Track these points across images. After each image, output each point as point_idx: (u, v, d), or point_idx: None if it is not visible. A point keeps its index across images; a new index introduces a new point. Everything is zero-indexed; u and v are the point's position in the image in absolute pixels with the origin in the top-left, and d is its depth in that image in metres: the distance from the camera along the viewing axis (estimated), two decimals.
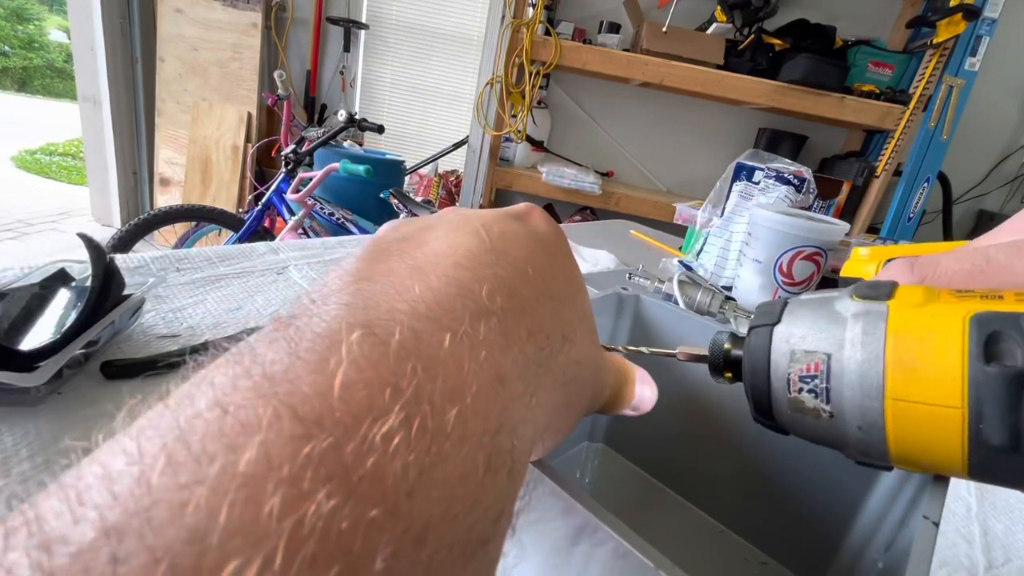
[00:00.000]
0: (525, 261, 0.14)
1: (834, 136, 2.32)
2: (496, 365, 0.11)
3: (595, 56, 1.89)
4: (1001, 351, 0.13)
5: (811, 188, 0.84)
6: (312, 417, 0.08)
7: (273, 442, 0.07)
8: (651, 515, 0.33)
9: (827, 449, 0.22)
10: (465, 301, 0.11)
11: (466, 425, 0.09)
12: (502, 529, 0.10)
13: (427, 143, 2.59)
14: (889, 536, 0.23)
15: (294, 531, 0.07)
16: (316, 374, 0.09)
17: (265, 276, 0.55)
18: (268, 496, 0.07)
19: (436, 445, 0.09)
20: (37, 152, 4.32)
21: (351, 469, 0.08)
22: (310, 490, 0.07)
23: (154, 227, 1.66)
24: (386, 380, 0.09)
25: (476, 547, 0.09)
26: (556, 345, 0.14)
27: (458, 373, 0.10)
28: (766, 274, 0.72)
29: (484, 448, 0.09)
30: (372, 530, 0.07)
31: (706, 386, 0.32)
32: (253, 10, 2.28)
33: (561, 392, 0.14)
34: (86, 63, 2.34)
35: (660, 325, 0.33)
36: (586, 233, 1.05)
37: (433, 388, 0.09)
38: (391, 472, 0.08)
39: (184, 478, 0.07)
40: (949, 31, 1.71)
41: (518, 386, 0.11)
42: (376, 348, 0.09)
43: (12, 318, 0.33)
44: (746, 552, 0.31)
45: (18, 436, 0.28)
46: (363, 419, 0.08)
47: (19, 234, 2.54)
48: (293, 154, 1.78)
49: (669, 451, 0.34)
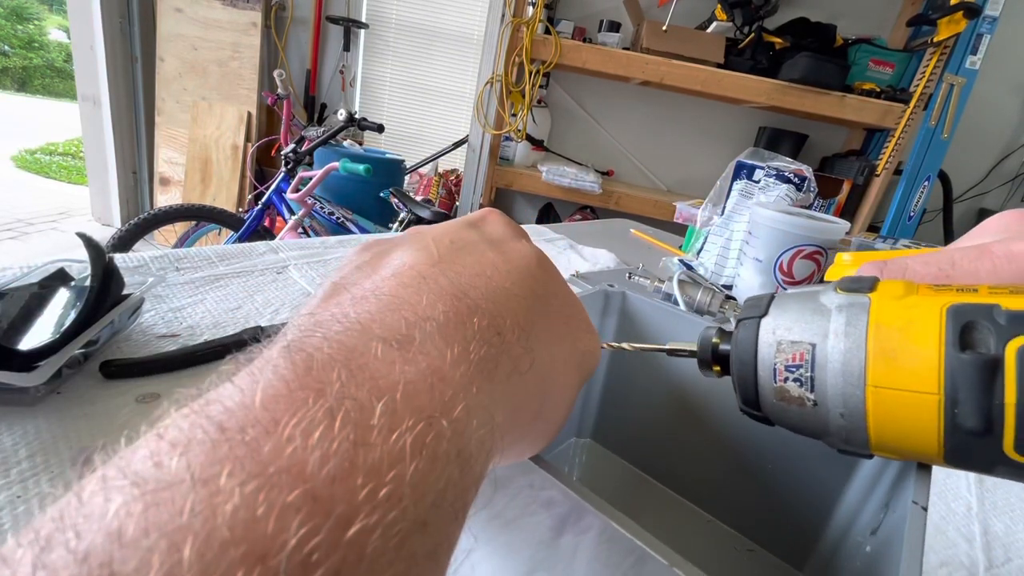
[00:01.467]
0: (474, 265, 0.15)
1: (834, 135, 2.32)
2: (431, 364, 0.11)
3: (595, 55, 1.89)
4: (975, 340, 0.14)
5: (811, 187, 0.84)
6: (235, 426, 0.09)
7: (195, 451, 0.08)
8: (640, 507, 0.34)
9: (810, 439, 0.23)
10: (403, 313, 0.12)
11: (394, 417, 0.10)
12: (443, 513, 0.10)
13: (427, 142, 2.59)
14: (873, 520, 0.23)
15: (206, 521, 0.07)
16: (242, 392, 0.10)
17: (265, 275, 0.55)
18: (183, 495, 0.08)
19: (359, 435, 0.09)
20: (37, 152, 4.32)
21: (267, 462, 0.08)
22: (225, 484, 0.08)
23: (154, 227, 1.66)
24: (309, 386, 0.10)
25: (412, 528, 0.09)
26: (508, 339, 0.14)
27: (387, 374, 0.11)
28: (766, 273, 0.72)
29: (416, 436, 0.10)
30: (288, 512, 0.08)
31: (692, 381, 0.32)
32: (253, 9, 2.28)
33: (517, 383, 0.14)
34: (86, 63, 2.34)
35: (647, 321, 0.33)
36: (586, 232, 1.05)
37: (359, 388, 0.10)
38: (310, 460, 0.08)
39: (111, 493, 0.08)
40: (950, 29, 1.71)
41: (457, 381, 0.12)
42: (303, 362, 0.10)
43: (11, 318, 0.33)
44: (733, 540, 0.32)
45: (17, 436, 0.28)
46: (281, 419, 0.09)
47: (19, 234, 2.54)
48: (293, 153, 1.78)
49: (657, 445, 0.35)
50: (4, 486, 0.25)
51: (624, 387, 0.36)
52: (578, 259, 0.85)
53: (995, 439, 0.14)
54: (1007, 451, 0.14)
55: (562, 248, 0.89)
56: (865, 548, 0.22)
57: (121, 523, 0.07)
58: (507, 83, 1.93)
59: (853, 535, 0.26)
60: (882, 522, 0.21)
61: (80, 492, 0.08)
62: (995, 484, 0.43)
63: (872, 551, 0.21)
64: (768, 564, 0.31)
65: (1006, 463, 0.14)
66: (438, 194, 2.38)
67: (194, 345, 0.38)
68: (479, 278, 0.14)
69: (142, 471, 0.08)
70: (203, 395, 0.10)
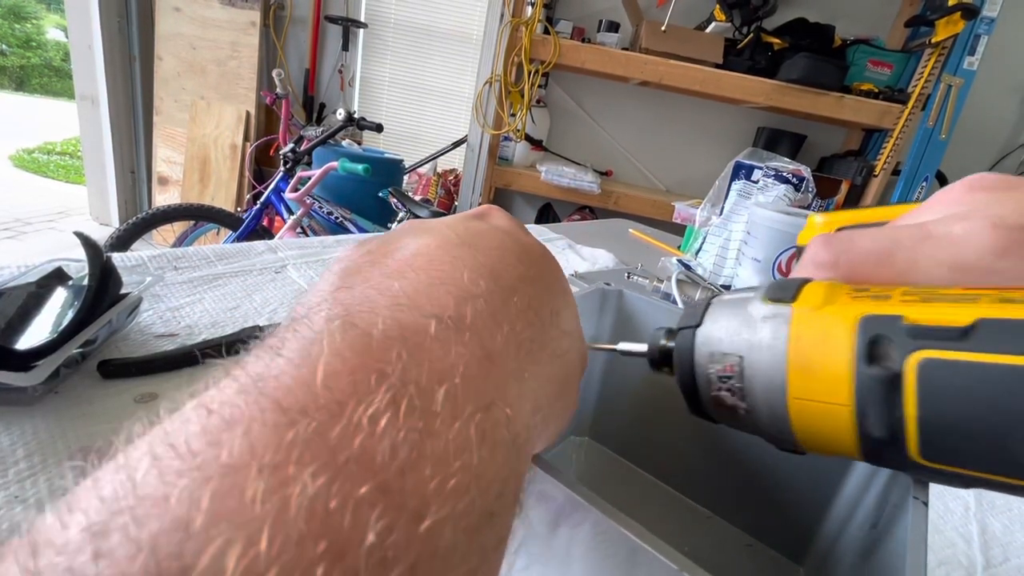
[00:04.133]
0: (498, 249, 0.14)
1: (833, 135, 2.32)
2: (484, 345, 0.11)
3: (594, 55, 1.89)
4: (881, 353, 0.15)
5: (810, 187, 0.84)
6: (296, 406, 0.08)
7: (256, 432, 0.08)
8: (638, 504, 0.34)
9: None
10: (448, 288, 0.12)
11: (456, 403, 0.09)
12: (507, 503, 0.10)
13: (426, 142, 2.58)
14: (872, 514, 0.23)
15: (280, 512, 0.07)
16: (298, 368, 0.09)
17: (263, 275, 0.55)
18: (251, 482, 0.07)
19: (425, 423, 0.09)
20: (35, 151, 4.31)
21: (337, 450, 0.08)
22: (295, 473, 0.07)
23: (152, 226, 1.66)
24: (370, 367, 0.09)
25: (481, 521, 0.09)
26: (546, 320, 0.14)
27: (444, 355, 0.10)
28: (765, 273, 0.72)
29: (477, 424, 0.09)
30: (362, 506, 0.07)
31: None
32: (251, 8, 2.27)
33: (557, 366, 0.14)
34: (84, 62, 2.33)
35: (643, 319, 0.34)
36: (585, 232, 1.05)
37: (420, 371, 0.10)
38: (380, 450, 0.08)
39: (168, 475, 0.07)
40: (948, 30, 1.71)
41: (510, 363, 0.11)
42: (359, 339, 0.10)
43: (9, 317, 0.33)
44: (732, 535, 0.32)
45: (15, 436, 0.28)
46: (347, 403, 0.08)
47: (17, 233, 2.54)
48: (292, 153, 1.78)
49: (654, 442, 0.35)
50: (2, 486, 0.25)
51: (620, 384, 0.36)
52: (577, 259, 0.85)
53: (900, 447, 0.14)
54: (913, 457, 0.14)
55: (561, 248, 0.89)
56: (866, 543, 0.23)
57: (187, 511, 0.07)
58: (506, 83, 1.93)
59: (851, 529, 0.26)
60: (881, 516, 0.21)
61: (129, 469, 0.07)
62: None
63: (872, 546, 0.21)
64: (767, 558, 0.31)
65: (916, 467, 0.15)
66: (437, 194, 2.38)
67: (192, 344, 0.38)
68: (507, 262, 0.14)
69: (199, 450, 0.07)
70: (242, 365, 0.09)
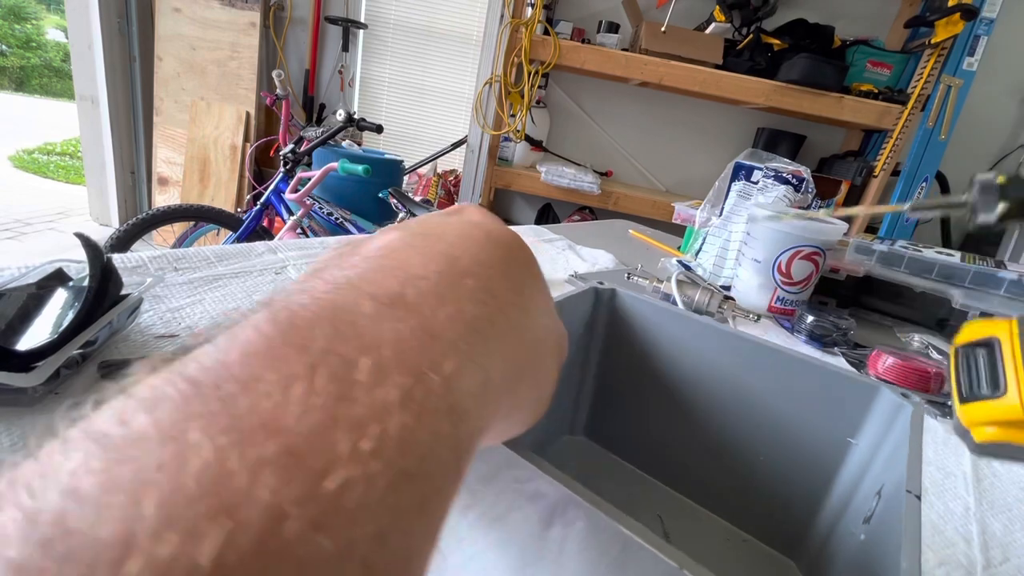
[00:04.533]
0: (460, 237, 0.15)
1: (832, 136, 2.32)
2: (424, 322, 0.11)
3: (594, 55, 1.89)
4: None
5: (810, 188, 0.84)
6: (209, 381, 0.09)
7: (164, 408, 0.08)
8: (634, 502, 0.34)
9: (799, 428, 0.26)
10: (395, 272, 0.12)
11: (381, 371, 0.10)
12: (431, 468, 0.10)
13: (426, 143, 2.59)
14: (865, 508, 0.24)
15: (170, 477, 0.07)
16: (221, 350, 0.09)
17: (263, 276, 0.55)
18: (150, 452, 0.07)
19: (341, 389, 0.09)
20: (35, 151, 4.31)
21: (243, 417, 0.08)
22: (197, 440, 0.08)
23: (152, 227, 1.66)
24: (293, 342, 0.10)
25: (396, 481, 0.09)
26: (506, 303, 0.14)
27: (374, 329, 0.10)
28: (765, 273, 0.72)
29: (404, 390, 0.10)
30: (263, 467, 0.08)
31: (685, 376, 0.33)
32: (251, 9, 2.27)
33: (518, 346, 0.15)
34: (84, 62, 2.33)
35: (637, 319, 0.34)
36: (585, 233, 1.05)
37: (345, 344, 0.10)
38: (288, 415, 0.08)
39: (74, 455, 0.08)
40: (947, 31, 1.71)
41: (453, 340, 0.12)
42: (286, 319, 0.10)
43: (9, 318, 0.33)
44: (727, 531, 0.32)
45: (15, 436, 0.28)
46: (262, 375, 0.09)
47: (17, 234, 2.54)
48: (292, 153, 1.78)
49: (650, 440, 0.35)
50: None
51: (616, 383, 0.36)
52: (577, 260, 0.85)
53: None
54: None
55: (561, 249, 0.89)
56: (859, 537, 0.23)
57: (79, 480, 0.07)
58: (506, 83, 1.93)
59: (845, 523, 0.26)
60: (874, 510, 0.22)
61: (39, 453, 0.08)
62: (992, 484, 0.43)
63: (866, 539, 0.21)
64: (762, 554, 0.31)
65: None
66: (437, 194, 2.38)
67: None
68: (467, 248, 0.15)
69: (106, 429, 0.08)
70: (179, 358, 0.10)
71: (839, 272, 0.80)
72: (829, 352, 0.66)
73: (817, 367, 0.28)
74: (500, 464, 0.17)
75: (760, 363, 0.29)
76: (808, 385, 0.28)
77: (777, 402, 0.29)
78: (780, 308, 0.73)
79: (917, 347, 0.71)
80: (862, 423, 0.27)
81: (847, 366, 0.62)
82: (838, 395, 0.27)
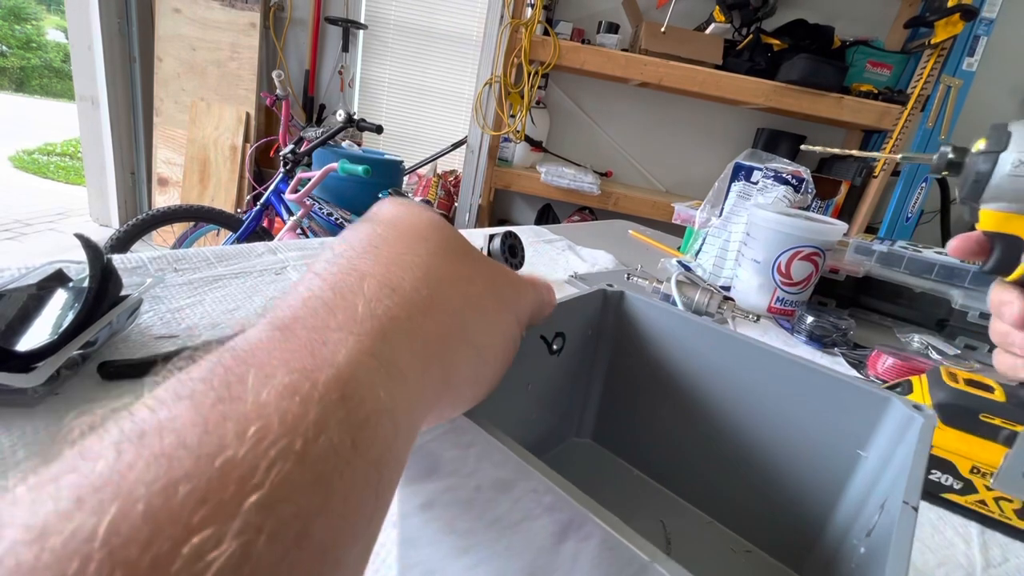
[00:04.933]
0: (362, 243, 0.17)
1: (832, 136, 2.32)
2: (312, 335, 0.13)
3: (594, 56, 1.89)
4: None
5: (809, 188, 0.84)
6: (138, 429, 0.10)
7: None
8: (638, 508, 0.34)
9: (809, 438, 0.26)
10: (288, 301, 0.14)
11: (266, 378, 0.11)
12: (321, 449, 0.11)
13: (426, 143, 2.59)
14: (869, 521, 0.23)
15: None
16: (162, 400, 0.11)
17: (263, 276, 0.55)
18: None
19: (231, 392, 0.11)
20: (35, 152, 4.31)
21: (145, 434, 0.10)
22: (109, 444, 0.10)
23: (152, 227, 1.66)
24: (206, 367, 0.11)
25: (280, 456, 0.10)
26: (410, 287, 0.15)
27: (269, 352, 0.12)
28: (764, 274, 0.72)
29: (287, 386, 0.11)
30: (159, 459, 0.09)
31: (693, 382, 0.32)
32: (251, 10, 2.28)
33: (440, 320, 0.16)
34: (84, 63, 2.33)
35: (645, 321, 0.33)
36: (585, 233, 1.05)
37: (240, 366, 0.11)
38: (184, 424, 0.10)
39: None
40: (947, 31, 1.71)
41: (341, 336, 0.13)
42: (205, 354, 0.12)
43: (9, 319, 0.33)
44: (731, 541, 0.32)
45: (15, 437, 0.28)
46: (166, 400, 0.11)
47: (17, 234, 2.54)
48: (292, 154, 1.78)
49: (656, 446, 0.35)
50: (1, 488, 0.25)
51: (623, 387, 0.36)
52: (577, 260, 0.85)
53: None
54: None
55: (561, 249, 0.89)
56: (860, 550, 0.22)
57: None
58: (506, 84, 1.93)
59: (851, 537, 0.26)
60: (876, 523, 0.21)
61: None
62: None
63: (866, 552, 0.21)
64: (766, 565, 0.31)
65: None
66: (437, 195, 2.38)
67: (192, 346, 0.38)
68: (368, 253, 0.16)
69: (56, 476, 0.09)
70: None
71: (839, 272, 0.80)
72: (829, 353, 0.66)
73: (828, 376, 0.27)
74: (519, 474, 0.17)
75: (771, 371, 0.29)
76: (819, 394, 0.28)
77: (787, 411, 0.29)
78: (780, 308, 0.73)
79: (917, 348, 0.71)
80: (872, 435, 0.26)
81: (848, 368, 0.62)
82: (849, 406, 0.27)
